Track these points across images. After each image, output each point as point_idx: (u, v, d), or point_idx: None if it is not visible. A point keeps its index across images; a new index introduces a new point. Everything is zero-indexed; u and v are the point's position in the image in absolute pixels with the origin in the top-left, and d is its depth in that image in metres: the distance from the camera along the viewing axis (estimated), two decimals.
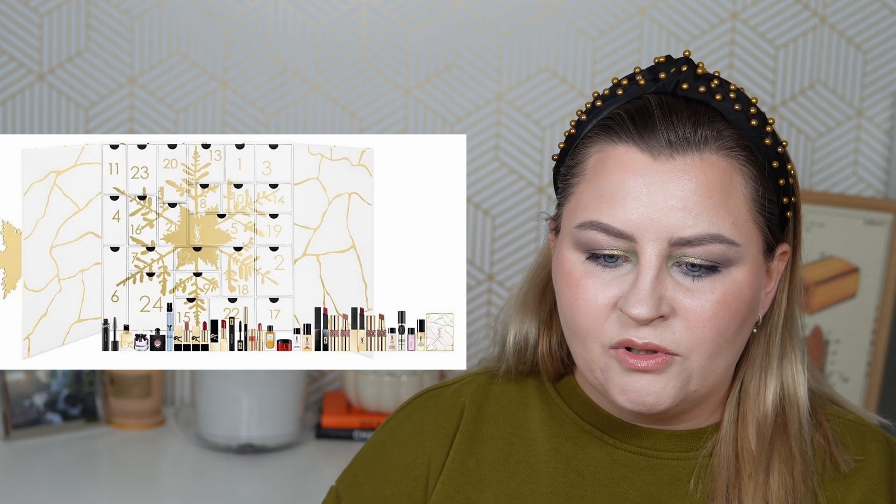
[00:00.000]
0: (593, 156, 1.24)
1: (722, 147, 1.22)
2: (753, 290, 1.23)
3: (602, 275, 1.22)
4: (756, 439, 1.26)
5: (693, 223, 1.19)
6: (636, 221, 1.19)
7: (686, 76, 1.25)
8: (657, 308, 1.19)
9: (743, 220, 1.21)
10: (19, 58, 2.37)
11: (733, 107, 1.23)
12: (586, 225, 1.21)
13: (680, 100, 1.24)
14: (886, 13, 2.37)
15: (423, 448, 1.33)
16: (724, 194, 1.20)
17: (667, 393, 1.22)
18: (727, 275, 1.21)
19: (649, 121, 1.22)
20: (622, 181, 1.21)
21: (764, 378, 1.28)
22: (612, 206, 1.20)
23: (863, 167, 2.40)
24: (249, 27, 2.36)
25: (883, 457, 1.30)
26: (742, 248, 1.21)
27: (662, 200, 1.19)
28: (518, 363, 1.35)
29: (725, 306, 1.21)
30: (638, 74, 1.27)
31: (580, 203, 1.23)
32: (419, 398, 1.38)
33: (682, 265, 1.21)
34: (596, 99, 1.27)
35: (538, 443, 1.31)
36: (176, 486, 2.13)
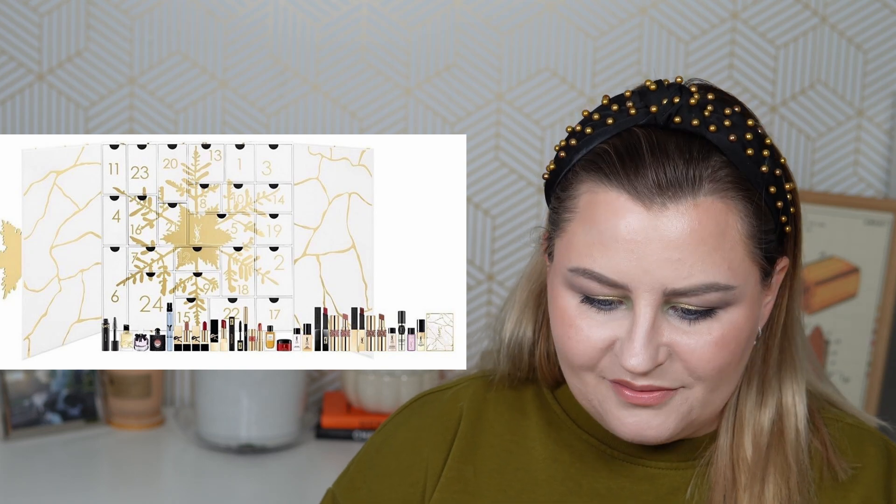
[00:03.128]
0: (584, 194, 1.20)
1: (717, 189, 1.17)
2: (752, 321, 1.21)
3: (597, 317, 1.19)
4: (752, 449, 1.25)
5: (687, 274, 1.16)
6: (629, 273, 1.16)
7: (679, 108, 1.20)
8: (653, 359, 1.17)
9: (739, 261, 1.18)
10: (19, 58, 2.36)
11: (728, 137, 1.19)
12: (579, 272, 1.19)
13: (672, 134, 1.19)
14: (887, 13, 2.37)
15: (421, 454, 1.32)
16: (719, 239, 1.17)
17: (668, 426, 1.21)
18: (724, 315, 1.18)
19: (639, 162, 1.17)
20: (614, 231, 1.17)
21: (761, 388, 1.26)
22: (604, 256, 1.17)
23: (863, 167, 2.40)
24: (249, 27, 2.36)
25: (881, 462, 1.29)
26: (738, 288, 1.18)
27: (655, 252, 1.16)
28: (514, 369, 1.33)
29: (725, 346, 1.19)
30: (629, 99, 1.22)
31: (572, 245, 1.20)
32: (416, 402, 1.37)
33: (677, 309, 1.18)
34: (586, 124, 1.23)
35: (536, 451, 1.31)
36: (176, 487, 2.13)
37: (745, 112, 1.22)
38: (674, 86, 1.22)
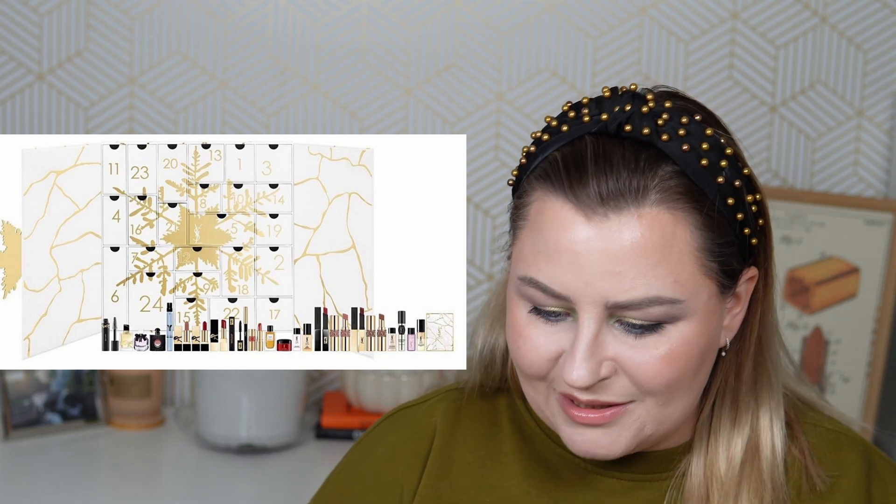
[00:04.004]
0: (534, 203, 1.18)
1: (664, 199, 1.14)
2: (706, 336, 1.17)
3: (545, 327, 1.17)
4: (726, 467, 1.22)
5: (629, 287, 1.13)
6: (571, 285, 1.14)
7: (630, 116, 1.16)
8: (595, 374, 1.15)
9: (687, 275, 1.15)
10: (19, 58, 2.36)
11: (681, 147, 1.15)
12: (526, 280, 1.17)
13: (621, 143, 1.15)
14: (887, 13, 2.36)
15: (396, 472, 1.32)
16: (664, 251, 1.13)
17: (619, 444, 1.19)
18: (673, 330, 1.15)
19: (582, 171, 1.14)
20: (557, 241, 1.14)
21: (735, 405, 1.23)
22: (548, 266, 1.15)
23: (863, 167, 2.40)
24: (249, 27, 2.36)
25: (860, 468, 1.27)
26: (686, 302, 1.15)
27: (596, 264, 1.13)
28: (486, 378, 1.32)
29: (673, 360, 1.15)
30: (585, 106, 1.20)
31: (522, 253, 1.18)
32: (391, 417, 1.36)
33: (623, 322, 1.15)
34: (545, 130, 1.21)
35: (511, 465, 1.29)
36: (175, 487, 2.13)
37: (706, 120, 1.19)
38: (627, 93, 1.19)
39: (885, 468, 1.29)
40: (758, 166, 2.39)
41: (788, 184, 2.40)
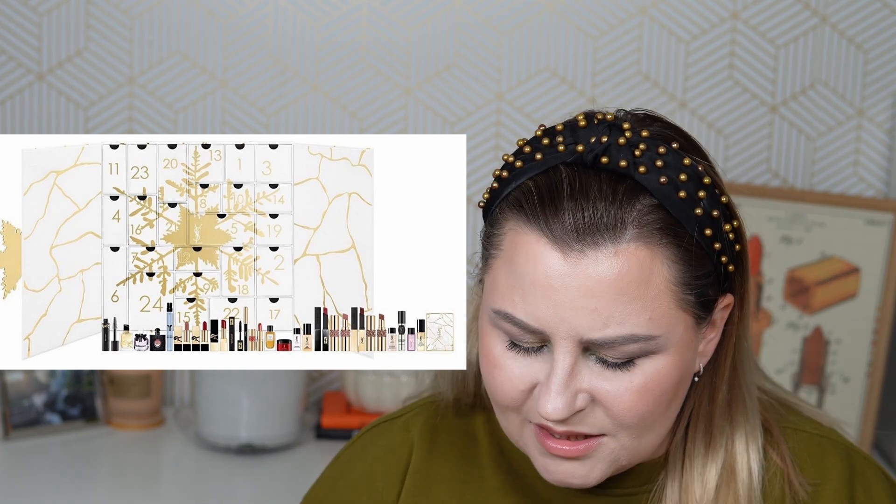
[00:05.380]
0: (508, 233, 1.15)
1: (642, 234, 1.12)
2: (681, 367, 1.16)
3: (520, 358, 1.16)
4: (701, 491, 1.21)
5: (602, 326, 1.11)
6: (546, 319, 1.12)
7: (607, 148, 1.14)
8: (570, 406, 1.13)
9: (663, 310, 1.13)
10: (18, 57, 2.36)
11: (659, 179, 1.13)
12: (501, 315, 1.15)
13: (597, 175, 1.13)
14: (887, 13, 2.36)
15: (375, 489, 1.31)
16: (641, 287, 1.11)
17: (594, 475, 1.18)
18: (647, 363, 1.14)
19: (558, 204, 1.12)
20: (532, 276, 1.12)
21: (709, 430, 1.22)
22: (524, 301, 1.13)
23: (863, 167, 2.40)
24: (249, 27, 2.35)
25: (843, 472, 1.26)
26: (661, 338, 1.13)
27: (572, 300, 1.11)
28: (461, 394, 1.31)
29: (647, 393, 1.14)
30: (560, 133, 1.17)
31: (496, 284, 1.16)
32: (368, 433, 1.36)
33: (597, 356, 1.14)
34: (518, 156, 1.18)
35: (490, 480, 1.29)
36: (175, 487, 2.13)
37: (683, 147, 1.17)
38: (603, 122, 1.16)
39: (868, 469, 1.28)
40: (758, 166, 2.39)
41: (788, 184, 2.40)
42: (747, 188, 2.30)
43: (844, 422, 1.36)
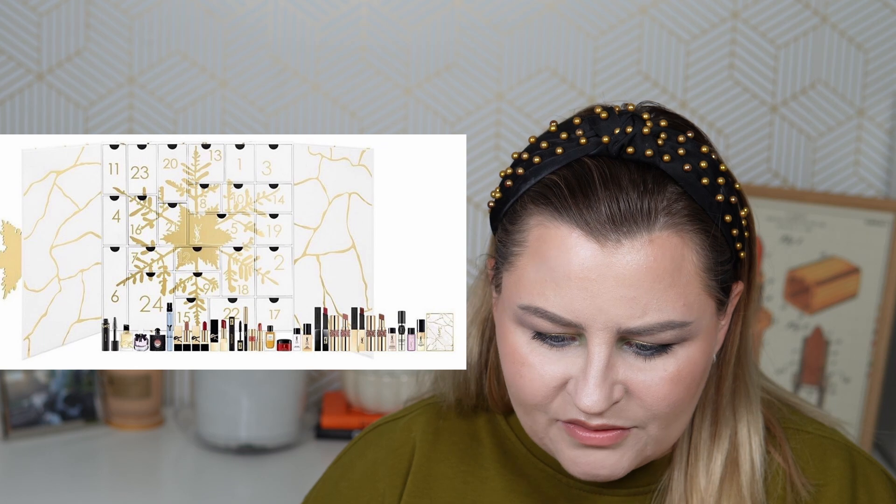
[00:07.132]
0: (534, 228, 1.15)
1: (672, 223, 1.13)
2: (708, 353, 1.17)
3: (549, 353, 1.15)
4: (705, 482, 1.21)
5: (641, 313, 1.12)
6: (582, 311, 1.12)
7: (632, 138, 1.15)
8: (608, 398, 1.13)
9: (695, 296, 1.14)
10: (18, 57, 2.36)
11: (683, 167, 1.14)
12: (531, 310, 1.15)
13: (624, 165, 1.14)
14: (887, 13, 2.36)
15: (377, 489, 1.31)
16: (674, 275, 1.12)
17: (622, 465, 1.18)
18: (680, 351, 1.15)
19: (591, 195, 1.12)
20: (567, 268, 1.12)
21: (715, 419, 1.22)
22: (557, 294, 1.13)
23: (864, 167, 2.40)
24: (249, 27, 2.35)
25: (845, 474, 1.26)
26: (694, 324, 1.14)
27: (609, 290, 1.11)
28: (463, 395, 1.31)
29: (680, 381, 1.15)
30: (578, 127, 1.18)
31: (523, 281, 1.16)
32: (370, 434, 1.35)
33: (632, 345, 1.14)
34: (534, 152, 1.18)
35: (493, 481, 1.28)
36: (175, 487, 2.13)
37: (698, 138, 1.18)
38: (625, 113, 1.17)
39: (870, 470, 1.28)
40: (758, 166, 2.39)
41: (789, 184, 2.40)
42: (747, 188, 2.29)
43: (846, 422, 1.36)
